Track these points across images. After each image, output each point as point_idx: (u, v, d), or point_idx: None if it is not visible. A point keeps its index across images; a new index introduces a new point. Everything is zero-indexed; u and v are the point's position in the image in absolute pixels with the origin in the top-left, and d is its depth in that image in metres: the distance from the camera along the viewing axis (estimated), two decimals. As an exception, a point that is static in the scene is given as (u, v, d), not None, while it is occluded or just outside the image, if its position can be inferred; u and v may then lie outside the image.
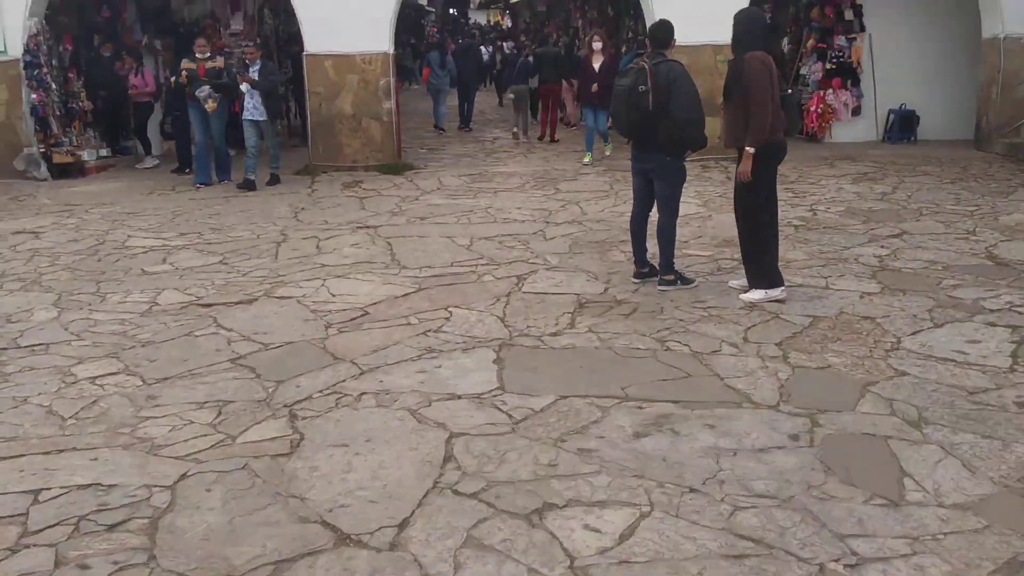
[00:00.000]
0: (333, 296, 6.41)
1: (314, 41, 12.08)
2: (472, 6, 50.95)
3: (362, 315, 5.94)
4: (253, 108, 10.99)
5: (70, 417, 4.35)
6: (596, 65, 12.28)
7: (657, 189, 6.39)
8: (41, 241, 8.46)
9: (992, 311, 5.80)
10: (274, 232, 8.68)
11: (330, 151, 12.28)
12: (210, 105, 10.95)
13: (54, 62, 12.39)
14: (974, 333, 5.40)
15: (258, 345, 5.36)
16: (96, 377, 4.87)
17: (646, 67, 6.04)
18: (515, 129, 15.95)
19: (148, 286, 6.77)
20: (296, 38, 13.31)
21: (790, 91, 6.15)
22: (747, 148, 5.85)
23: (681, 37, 6.79)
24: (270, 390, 4.64)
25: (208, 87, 10.88)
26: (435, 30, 43.02)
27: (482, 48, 24.62)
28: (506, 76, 19.00)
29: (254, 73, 10.99)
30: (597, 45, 12.51)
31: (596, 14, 24.59)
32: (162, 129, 13.43)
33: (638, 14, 18.41)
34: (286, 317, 5.95)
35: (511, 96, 17.09)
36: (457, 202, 10.01)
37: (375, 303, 6.19)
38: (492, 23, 49.00)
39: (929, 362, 4.92)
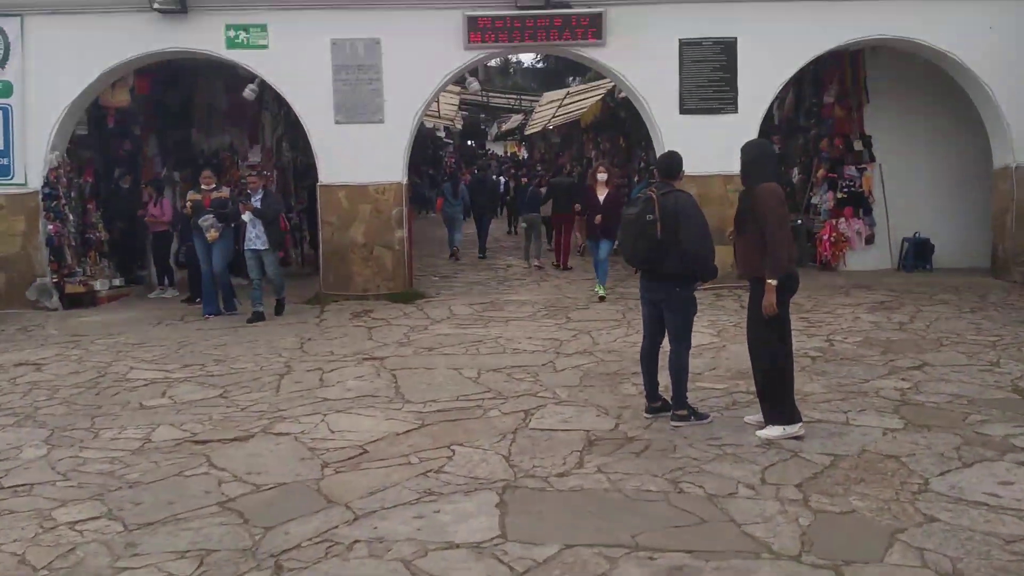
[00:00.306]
0: (332, 433, 6.18)
1: (328, 172, 12.27)
2: (489, 138, 52.37)
3: (361, 453, 5.69)
4: (255, 237, 10.89)
5: (42, 568, 4.08)
6: (600, 196, 12.01)
7: (667, 320, 6.24)
8: (42, 373, 8.33)
9: (1023, 449, 5.50)
10: (278, 364, 8.53)
11: (341, 280, 12.27)
12: (211, 234, 10.94)
13: (73, 194, 12.60)
14: (1006, 474, 5.09)
15: (250, 486, 5.11)
16: (76, 522, 4.62)
17: (654, 197, 5.98)
18: (535, 261, 16.03)
19: (144, 421, 6.57)
20: (313, 169, 13.53)
21: (799, 221, 6.06)
22: (769, 280, 5.70)
23: (691, 167, 6.78)
24: (257, 538, 4.37)
25: (211, 216, 10.91)
26: (452, 160, 44.12)
27: (498, 178, 25.03)
28: (518, 205, 19.24)
29: (256, 202, 10.92)
30: (601, 176, 12.19)
31: (609, 145, 25.10)
32: (176, 259, 13.51)
33: (650, 145, 18.80)
34: (282, 455, 5.71)
35: (523, 225, 17.32)
36: (466, 332, 9.87)
37: (375, 440, 5.95)
38: (509, 154, 50.20)
39: (960, 506, 4.61)
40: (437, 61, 12.18)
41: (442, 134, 37.67)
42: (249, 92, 12.42)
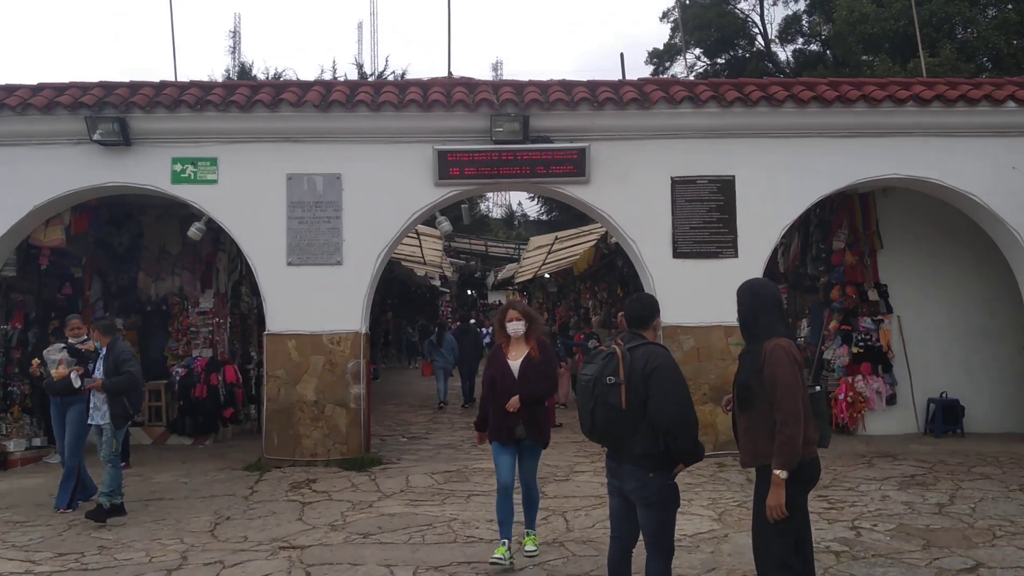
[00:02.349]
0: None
1: (277, 319, 10.90)
2: (489, 287, 51.55)
3: None
4: (94, 408, 8.12)
5: None
6: (515, 361, 6.56)
7: (641, 519, 4.64)
8: None
9: None
10: (174, 554, 6.86)
11: (286, 443, 10.68)
12: (58, 372, 8.53)
13: (-8, 342, 11.24)
14: None
15: None
16: None
17: (619, 352, 4.52)
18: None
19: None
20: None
21: (817, 388, 4.55)
22: (776, 472, 4.18)
23: (687, 317, 5.39)
24: None
25: (64, 349, 8.77)
26: (448, 310, 43.05)
27: (484, 328, 23.70)
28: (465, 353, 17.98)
29: (98, 363, 8.20)
30: (514, 327, 6.60)
31: (606, 295, 23.91)
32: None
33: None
34: None
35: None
36: (417, 511, 8.21)
37: None
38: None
39: None
40: (405, 198, 11.02)
41: (438, 283, 36.63)
42: (195, 231, 11.21)
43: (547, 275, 28.32)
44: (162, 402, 13.03)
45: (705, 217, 11.01)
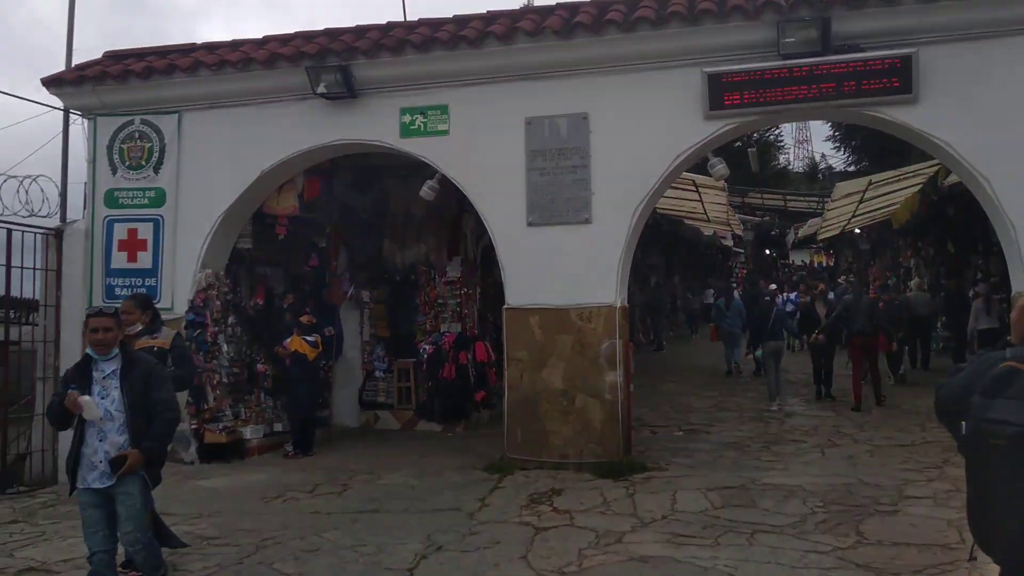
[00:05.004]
0: None
1: (517, 290, 9.13)
2: (789, 246, 47.04)
3: None
4: (98, 460, 5.04)
5: None
6: None
7: None
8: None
9: None
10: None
11: (532, 440, 8.92)
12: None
13: (231, 319, 10.51)
14: None
15: None
16: None
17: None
18: (773, 404, 12.68)
19: None
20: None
21: None
22: None
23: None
24: None
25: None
26: (743, 272, 39.64)
27: (787, 296, 20.48)
28: (753, 328, 14.48)
29: (106, 381, 5.08)
30: None
31: (932, 251, 19.95)
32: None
33: (990, 250, 13.98)
34: None
35: (757, 354, 13.57)
36: (678, 555, 6.03)
37: None
38: (817, 263, 44.74)
39: None
40: (667, 137, 8.76)
41: (729, 242, 33.49)
42: (427, 190, 9.71)
43: (857, 229, 24.46)
44: (411, 383, 11.88)
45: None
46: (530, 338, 8.98)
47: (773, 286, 20.57)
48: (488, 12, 9.54)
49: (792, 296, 18.94)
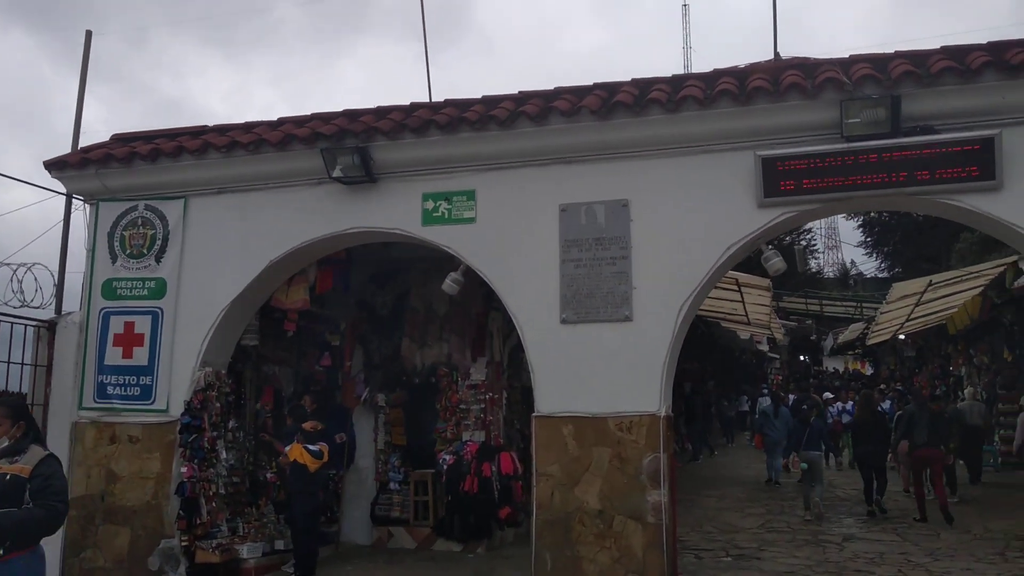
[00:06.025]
0: None
1: (548, 396, 8.13)
2: (824, 352, 45.56)
3: None
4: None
5: None
6: None
7: None
8: None
9: None
10: None
11: (563, 568, 7.77)
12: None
13: (231, 423, 9.58)
14: None
15: None
16: None
17: None
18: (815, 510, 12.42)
19: None
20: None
21: None
22: None
23: None
24: None
25: None
26: (779, 379, 38.27)
27: (836, 406, 19.27)
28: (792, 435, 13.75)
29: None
30: None
31: (987, 359, 18.72)
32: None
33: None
34: None
35: (803, 466, 12.54)
36: None
37: None
38: (851, 370, 43.32)
39: None
40: (716, 227, 7.89)
41: (765, 347, 32.31)
42: (450, 284, 8.84)
43: (902, 335, 23.27)
44: (429, 496, 10.79)
45: None
46: (562, 450, 7.93)
47: (829, 395, 19.61)
48: (520, 92, 8.85)
49: (848, 406, 17.81)
